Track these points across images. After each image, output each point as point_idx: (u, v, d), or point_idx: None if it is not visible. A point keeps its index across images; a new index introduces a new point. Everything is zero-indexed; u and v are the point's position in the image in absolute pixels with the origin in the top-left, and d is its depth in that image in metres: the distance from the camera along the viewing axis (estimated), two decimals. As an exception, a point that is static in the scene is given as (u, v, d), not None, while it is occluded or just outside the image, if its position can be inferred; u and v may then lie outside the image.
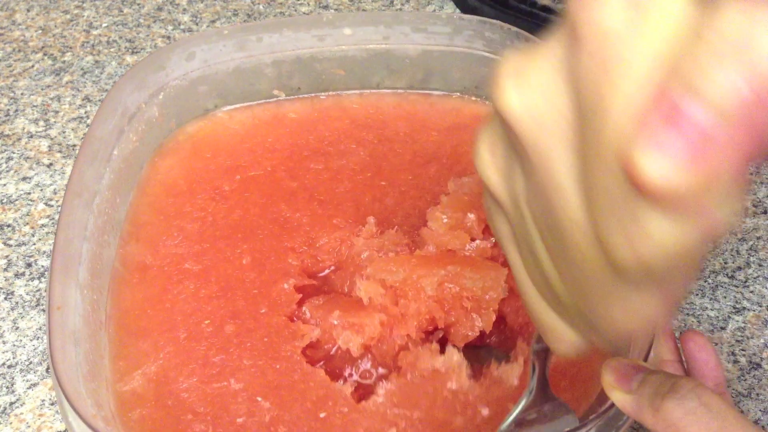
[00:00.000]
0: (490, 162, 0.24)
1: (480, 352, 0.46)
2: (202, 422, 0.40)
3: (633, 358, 0.37)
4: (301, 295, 0.46)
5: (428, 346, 0.44)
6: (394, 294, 0.44)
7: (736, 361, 0.50)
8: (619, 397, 0.32)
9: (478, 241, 0.46)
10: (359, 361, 0.44)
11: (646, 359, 0.36)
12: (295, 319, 0.45)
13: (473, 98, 0.59)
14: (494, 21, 0.57)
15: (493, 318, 0.44)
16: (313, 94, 0.59)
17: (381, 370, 0.44)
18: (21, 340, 0.49)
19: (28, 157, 0.61)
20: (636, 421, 0.37)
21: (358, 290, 0.45)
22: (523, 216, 0.23)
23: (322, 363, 0.43)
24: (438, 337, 0.45)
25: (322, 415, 0.40)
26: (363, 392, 0.42)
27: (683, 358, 0.43)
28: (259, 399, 0.40)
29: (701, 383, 0.32)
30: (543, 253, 0.23)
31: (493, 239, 0.47)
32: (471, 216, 0.47)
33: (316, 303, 0.46)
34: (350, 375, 0.44)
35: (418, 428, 0.39)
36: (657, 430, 0.32)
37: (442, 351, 0.43)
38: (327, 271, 0.49)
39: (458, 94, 0.60)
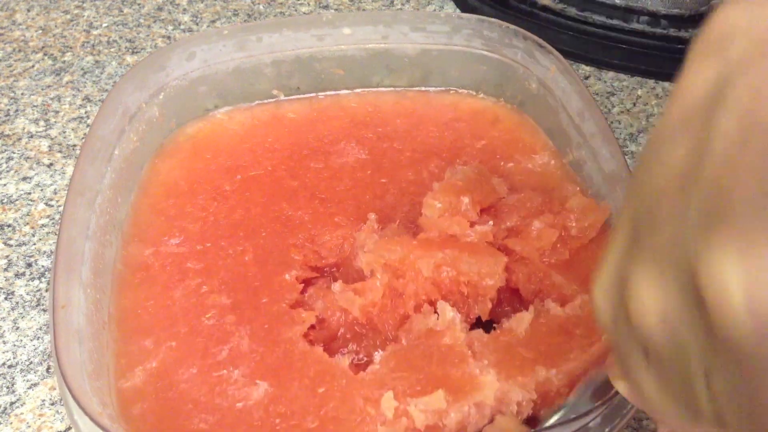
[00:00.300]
0: (660, 326, 0.24)
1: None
2: (202, 411, 0.40)
3: None
4: (303, 285, 0.46)
5: (421, 311, 0.44)
6: (394, 272, 0.45)
7: None
8: (623, 386, 0.32)
9: (477, 226, 0.46)
10: (362, 339, 0.44)
11: None
12: (297, 307, 0.45)
13: (470, 92, 0.60)
14: (492, 19, 0.57)
15: (490, 306, 0.44)
16: (312, 94, 0.60)
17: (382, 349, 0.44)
18: (21, 340, 0.49)
19: (28, 157, 0.61)
20: (640, 410, 0.37)
21: (359, 262, 0.45)
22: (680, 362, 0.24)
23: (323, 346, 0.43)
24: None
25: (320, 390, 0.40)
26: (364, 366, 0.42)
27: None
28: (258, 381, 0.41)
29: None
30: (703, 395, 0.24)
31: (491, 222, 0.47)
32: (465, 200, 0.47)
33: (320, 286, 0.47)
34: (356, 352, 0.44)
35: (416, 387, 0.39)
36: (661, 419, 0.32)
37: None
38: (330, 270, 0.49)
39: (455, 89, 0.60)
